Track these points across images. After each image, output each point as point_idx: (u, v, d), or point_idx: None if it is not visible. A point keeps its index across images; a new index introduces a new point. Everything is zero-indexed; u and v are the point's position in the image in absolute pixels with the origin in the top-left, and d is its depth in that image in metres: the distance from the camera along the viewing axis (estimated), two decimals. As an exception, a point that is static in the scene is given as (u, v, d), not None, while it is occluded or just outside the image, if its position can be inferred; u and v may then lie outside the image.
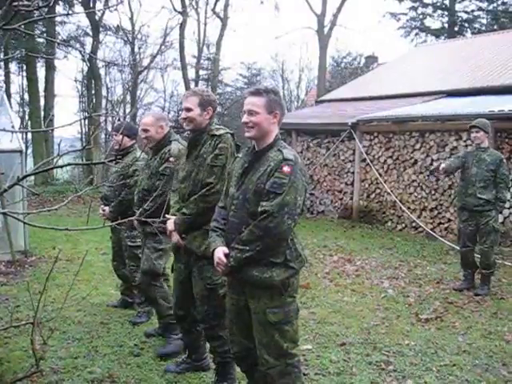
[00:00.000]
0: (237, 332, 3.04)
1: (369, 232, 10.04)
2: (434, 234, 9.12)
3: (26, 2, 2.05)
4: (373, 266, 7.48)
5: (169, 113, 24.61)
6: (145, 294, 4.58)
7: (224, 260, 2.84)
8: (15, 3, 2.04)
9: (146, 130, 4.37)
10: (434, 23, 26.75)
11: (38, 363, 1.79)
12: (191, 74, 22.72)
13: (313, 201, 11.97)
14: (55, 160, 2.22)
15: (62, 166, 2.18)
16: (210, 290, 3.48)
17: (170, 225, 3.57)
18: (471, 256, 6.23)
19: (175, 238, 3.57)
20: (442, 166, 6.20)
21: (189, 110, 3.52)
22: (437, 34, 26.01)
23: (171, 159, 4.17)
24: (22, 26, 2.32)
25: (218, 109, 23.46)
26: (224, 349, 3.52)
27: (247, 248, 2.75)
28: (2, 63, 19.50)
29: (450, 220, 9.20)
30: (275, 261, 2.78)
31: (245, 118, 2.89)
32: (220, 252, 2.87)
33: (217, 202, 3.35)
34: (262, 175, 2.80)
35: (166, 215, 3.67)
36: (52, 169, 2.17)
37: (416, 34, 26.88)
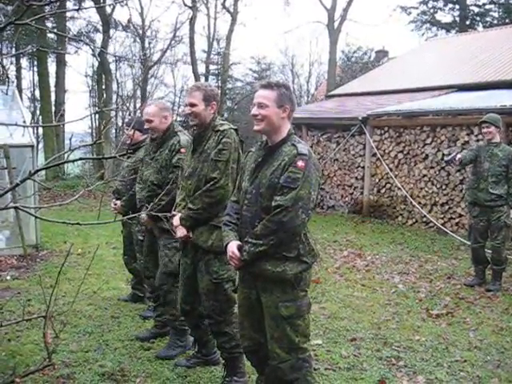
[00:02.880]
0: (248, 326, 3.04)
1: (379, 227, 10.01)
2: (444, 229, 9.08)
3: (37, -3, 2.06)
4: (383, 260, 7.46)
5: (179, 107, 24.67)
6: (164, 296, 4.20)
7: (237, 254, 2.84)
8: (27, -2, 2.05)
9: (149, 121, 4.25)
10: (445, 17, 26.56)
11: (50, 356, 1.80)
12: (201, 68, 22.78)
13: (323, 196, 11.94)
14: (67, 155, 2.23)
15: (73, 161, 2.19)
16: (216, 284, 3.47)
17: (176, 220, 3.56)
18: (482, 252, 6.19)
19: (181, 232, 3.54)
20: (459, 156, 6.12)
21: (193, 105, 3.51)
22: (448, 27, 25.81)
23: (182, 150, 4.09)
24: (34, 22, 2.33)
25: (228, 103, 23.50)
26: (231, 344, 3.52)
27: (261, 242, 2.75)
28: (14, 58, 19.61)
29: (461, 215, 9.15)
30: (288, 255, 2.78)
31: (254, 111, 2.89)
32: (233, 246, 2.87)
33: (221, 196, 3.40)
34: (275, 170, 2.80)
35: (173, 211, 3.67)
36: (64, 163, 2.18)
37: (427, 28, 26.71)
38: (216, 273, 3.46)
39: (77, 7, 18.37)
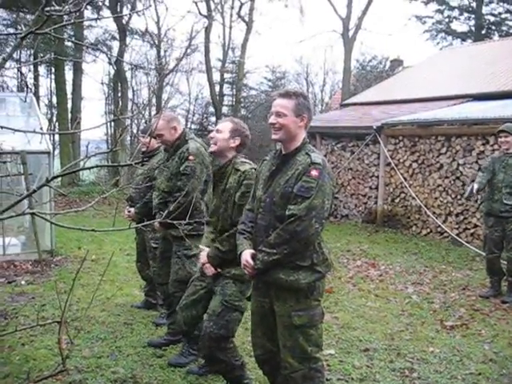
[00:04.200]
0: (260, 335, 3.04)
1: (393, 237, 9.95)
2: (459, 239, 9.00)
3: (57, 8, 2.09)
4: (397, 271, 7.42)
5: (193, 115, 24.78)
6: (177, 303, 4.02)
7: (251, 262, 2.85)
8: (47, 8, 2.08)
9: (160, 135, 4.27)
10: (461, 26, 26.48)
11: (64, 362, 1.81)
12: (216, 77, 22.85)
13: (337, 205, 11.91)
14: (83, 162, 2.25)
15: (89, 168, 2.21)
16: (224, 307, 3.36)
17: (203, 257, 3.48)
18: (497, 263, 6.13)
19: (209, 270, 3.46)
20: (475, 187, 6.06)
21: (218, 131, 3.48)
22: (463, 37, 25.71)
23: (191, 157, 4.12)
24: (52, 31, 2.37)
25: (243, 112, 23.54)
26: (227, 369, 3.44)
27: (274, 251, 2.75)
28: (32, 66, 19.85)
29: (476, 225, 9.06)
30: (302, 264, 2.77)
31: (272, 119, 2.89)
32: (247, 255, 2.87)
33: None
34: (289, 179, 2.80)
35: (200, 245, 3.64)
36: (80, 170, 2.20)
37: (442, 38, 26.63)
38: (229, 296, 3.37)
39: (95, 16, 18.60)
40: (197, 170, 4.14)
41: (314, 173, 2.75)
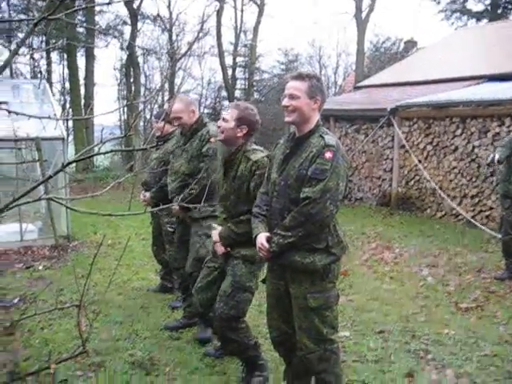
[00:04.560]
0: (276, 317, 3.07)
1: (408, 219, 9.92)
2: (474, 221, 8.94)
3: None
4: (412, 253, 7.40)
5: (206, 99, 24.74)
6: (193, 285, 4.19)
7: (266, 245, 2.86)
8: (60, -7, 2.09)
9: (178, 118, 4.30)
10: (476, 6, 25.94)
11: (84, 344, 1.84)
12: (228, 60, 22.76)
13: (351, 187, 11.87)
14: (98, 147, 2.27)
15: (104, 153, 2.23)
16: (234, 288, 3.40)
17: (215, 236, 3.50)
18: (514, 244, 6.09)
19: (220, 249, 3.49)
20: (497, 157, 6.01)
21: (224, 120, 3.45)
22: (478, 16, 25.22)
23: (212, 139, 4.13)
24: (64, 16, 2.37)
25: (256, 95, 23.45)
26: (240, 349, 3.49)
27: (289, 234, 2.76)
28: (44, 53, 19.91)
29: (491, 208, 9.00)
30: (317, 246, 2.78)
31: (285, 102, 2.88)
32: (262, 237, 2.89)
33: None
34: (304, 161, 2.80)
35: (213, 224, 3.65)
36: (95, 155, 2.22)
37: (457, 18, 26.15)
38: (239, 276, 3.40)
39: (107, 1, 18.55)
40: (218, 152, 4.16)
41: (328, 155, 2.75)
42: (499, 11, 24.41)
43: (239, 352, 3.54)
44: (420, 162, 10.22)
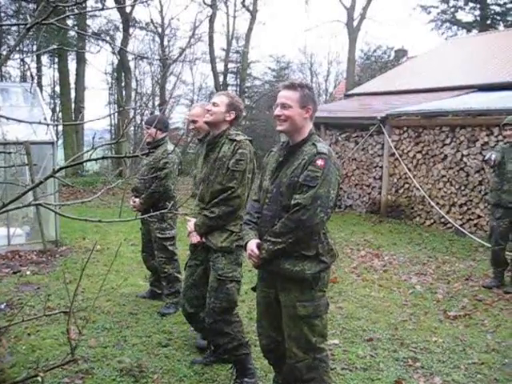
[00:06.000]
0: (266, 325, 3.07)
1: (397, 227, 9.96)
2: (463, 230, 9.00)
3: (63, -2, 2.09)
4: (401, 261, 7.43)
5: (197, 105, 24.66)
6: None
7: (256, 252, 2.87)
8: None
9: (194, 121, 4.41)
10: (466, 16, 26.27)
11: (73, 352, 1.83)
12: (220, 67, 22.80)
13: (341, 195, 11.90)
14: (89, 153, 2.26)
15: (96, 159, 2.22)
16: (220, 281, 3.52)
17: (191, 226, 3.64)
18: (503, 254, 6.14)
19: (195, 238, 3.64)
20: (493, 156, 6.04)
21: (215, 104, 3.60)
22: (468, 27, 25.51)
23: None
24: (56, 21, 2.37)
25: (247, 102, 23.49)
26: (233, 345, 3.53)
27: (279, 240, 2.77)
28: (35, 56, 19.83)
29: (479, 216, 9.06)
30: (307, 254, 2.80)
31: (277, 111, 2.90)
32: (253, 244, 2.90)
33: (237, 205, 3.48)
34: (296, 169, 2.83)
35: (186, 217, 3.77)
36: (86, 161, 2.21)
37: (447, 28, 26.43)
38: (221, 269, 3.52)
39: (98, 5, 18.53)
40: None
41: (319, 162, 2.76)
42: (488, 22, 24.70)
43: (232, 349, 3.55)
44: (409, 170, 10.28)
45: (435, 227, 9.82)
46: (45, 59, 22.11)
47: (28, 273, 6.39)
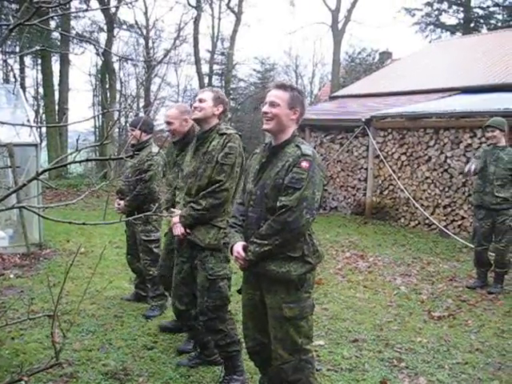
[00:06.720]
0: (252, 327, 3.07)
1: (382, 228, 10.01)
2: (447, 231, 9.08)
3: (46, -1, 2.08)
4: (385, 262, 7.47)
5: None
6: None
7: (242, 254, 2.88)
8: (36, 0, 2.07)
9: (169, 123, 4.36)
10: (450, 19, 26.56)
11: (57, 355, 1.81)
12: (205, 68, 22.80)
13: (326, 197, 11.93)
14: (73, 155, 2.24)
15: (80, 162, 2.20)
16: (211, 281, 3.52)
17: (175, 218, 3.63)
18: (485, 255, 6.19)
19: (178, 230, 3.61)
20: (473, 167, 6.11)
21: (202, 100, 3.62)
22: (452, 30, 25.80)
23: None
24: (39, 22, 2.35)
25: (232, 104, 23.51)
26: (226, 341, 3.56)
27: (265, 242, 2.78)
28: (18, 57, 19.63)
29: (463, 217, 9.15)
30: (293, 255, 2.80)
31: (265, 108, 2.92)
32: (239, 246, 2.91)
33: (225, 198, 3.48)
34: (280, 170, 2.83)
35: (172, 209, 3.76)
36: (70, 163, 2.19)
37: (431, 30, 26.70)
38: (212, 269, 3.52)
39: (82, 6, 18.41)
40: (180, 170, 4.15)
41: (304, 164, 2.78)
42: (472, 25, 24.99)
43: (224, 345, 3.56)
44: (394, 171, 10.35)
45: (419, 228, 9.89)
46: (28, 60, 21.97)
47: (11, 276, 6.32)
